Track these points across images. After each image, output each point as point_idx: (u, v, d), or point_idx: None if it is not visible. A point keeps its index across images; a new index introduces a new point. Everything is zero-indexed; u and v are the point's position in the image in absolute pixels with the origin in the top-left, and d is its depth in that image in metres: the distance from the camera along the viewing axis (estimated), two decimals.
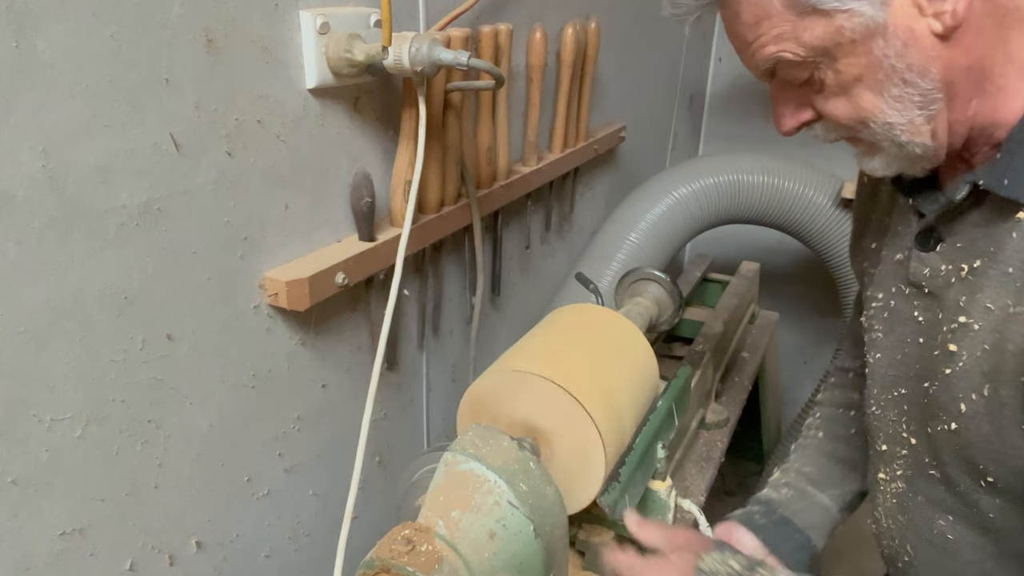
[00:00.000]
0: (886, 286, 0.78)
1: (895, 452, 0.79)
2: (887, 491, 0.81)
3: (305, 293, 0.83)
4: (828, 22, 0.60)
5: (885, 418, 0.80)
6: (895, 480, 0.80)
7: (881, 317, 0.78)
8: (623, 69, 1.72)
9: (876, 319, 0.79)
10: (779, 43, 0.62)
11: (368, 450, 1.08)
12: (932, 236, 0.70)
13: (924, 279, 0.71)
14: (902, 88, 0.61)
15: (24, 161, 0.58)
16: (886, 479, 0.81)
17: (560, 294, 1.56)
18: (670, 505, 0.93)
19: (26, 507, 0.65)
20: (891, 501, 0.81)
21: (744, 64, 0.69)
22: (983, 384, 0.65)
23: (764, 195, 1.72)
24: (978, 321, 0.65)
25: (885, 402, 0.79)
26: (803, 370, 2.51)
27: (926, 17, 0.59)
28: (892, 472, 0.80)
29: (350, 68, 0.82)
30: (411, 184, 0.89)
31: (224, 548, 0.87)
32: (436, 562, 0.63)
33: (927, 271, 0.70)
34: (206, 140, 0.73)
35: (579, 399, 0.79)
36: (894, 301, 0.76)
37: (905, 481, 0.78)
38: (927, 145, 0.64)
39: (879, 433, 0.82)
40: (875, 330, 0.79)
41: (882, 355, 0.78)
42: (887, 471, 0.81)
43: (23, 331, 0.61)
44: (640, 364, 0.94)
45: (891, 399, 0.78)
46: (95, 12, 0.61)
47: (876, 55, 0.60)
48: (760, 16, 0.62)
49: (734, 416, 1.45)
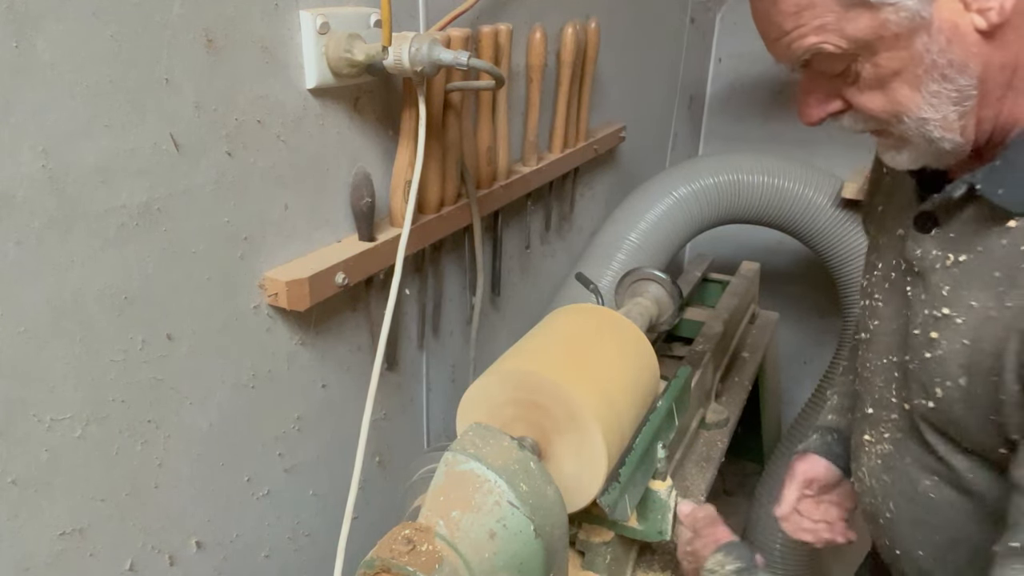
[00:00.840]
0: (887, 257, 0.80)
1: (882, 416, 0.82)
2: (872, 452, 0.84)
3: (305, 293, 0.83)
4: (873, 15, 0.59)
5: (874, 382, 0.82)
6: (881, 442, 0.82)
7: (882, 286, 0.81)
8: (623, 69, 1.72)
9: (877, 287, 0.82)
10: (821, 34, 0.61)
11: (368, 450, 1.08)
12: (929, 219, 0.71)
13: (915, 259, 0.72)
14: (940, 84, 0.61)
15: (24, 161, 0.58)
16: (871, 440, 0.84)
17: (560, 294, 1.56)
18: (670, 505, 0.92)
19: (26, 507, 0.65)
20: (876, 462, 0.83)
21: (773, 52, 0.67)
22: (959, 375, 0.68)
23: (764, 195, 1.72)
24: (960, 316, 0.67)
25: (876, 367, 0.82)
26: (803, 370, 2.51)
27: (970, 13, 0.58)
28: (879, 434, 0.83)
29: (350, 68, 0.82)
30: (411, 184, 0.89)
31: (224, 548, 0.87)
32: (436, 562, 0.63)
33: (919, 251, 0.72)
34: (206, 140, 0.73)
35: (579, 399, 0.79)
36: (894, 273, 0.78)
37: (892, 443, 0.81)
38: (957, 141, 0.64)
39: (867, 397, 0.84)
40: (875, 297, 0.82)
41: (880, 323, 0.80)
42: (873, 433, 0.83)
43: (23, 331, 0.61)
44: (640, 364, 0.94)
45: (882, 365, 0.81)
46: (95, 12, 0.61)
47: (918, 50, 0.60)
48: (803, 5, 0.61)
49: (734, 416, 1.45)
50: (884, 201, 0.85)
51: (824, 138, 2.26)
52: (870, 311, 0.83)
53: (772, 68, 2.28)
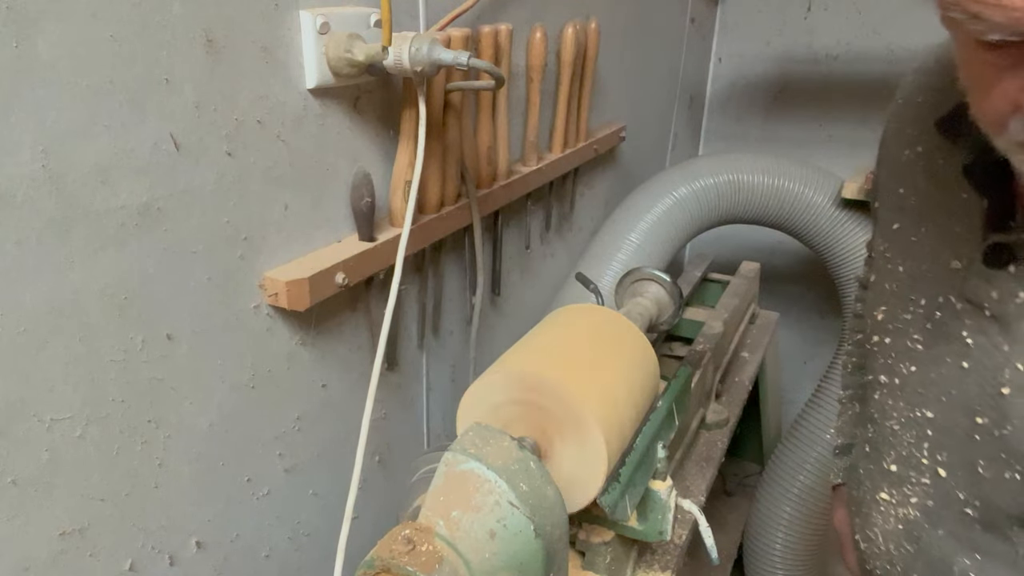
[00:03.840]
0: (931, 292, 0.68)
1: (908, 477, 0.72)
2: (891, 514, 0.74)
3: (305, 293, 0.83)
4: None
5: (902, 437, 0.73)
6: (905, 506, 0.73)
7: (922, 327, 0.69)
8: (623, 69, 1.72)
9: (915, 327, 0.70)
10: None
11: (368, 450, 1.08)
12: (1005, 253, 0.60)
13: (988, 300, 0.61)
14: None
15: (24, 161, 0.58)
16: (890, 501, 0.74)
17: (560, 294, 1.56)
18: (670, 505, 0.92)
19: (26, 507, 0.65)
20: (896, 527, 0.74)
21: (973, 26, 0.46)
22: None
23: (764, 195, 1.72)
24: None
25: (907, 420, 0.72)
26: (803, 370, 2.51)
27: None
28: (902, 496, 0.73)
29: (350, 68, 0.82)
30: (411, 184, 0.89)
31: (224, 548, 0.87)
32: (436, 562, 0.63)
33: (994, 293, 0.61)
34: (206, 140, 0.73)
35: (579, 399, 0.79)
36: (940, 313, 0.67)
37: (922, 511, 0.71)
38: None
39: (889, 451, 0.74)
40: (912, 338, 0.70)
41: (917, 369, 0.70)
42: (893, 493, 0.74)
43: (23, 331, 0.61)
44: (640, 364, 0.94)
45: (914, 419, 0.71)
46: (95, 12, 0.61)
47: None
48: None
49: (734, 416, 1.45)
50: (909, 222, 0.72)
51: (824, 138, 2.27)
52: (898, 353, 0.71)
53: (772, 68, 2.29)
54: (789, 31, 2.24)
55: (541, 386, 0.80)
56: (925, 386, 0.69)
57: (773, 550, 1.89)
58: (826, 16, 2.17)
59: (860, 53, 2.14)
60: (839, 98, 2.21)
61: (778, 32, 2.26)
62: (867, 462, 0.79)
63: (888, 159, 0.78)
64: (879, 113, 2.12)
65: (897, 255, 0.73)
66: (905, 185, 0.73)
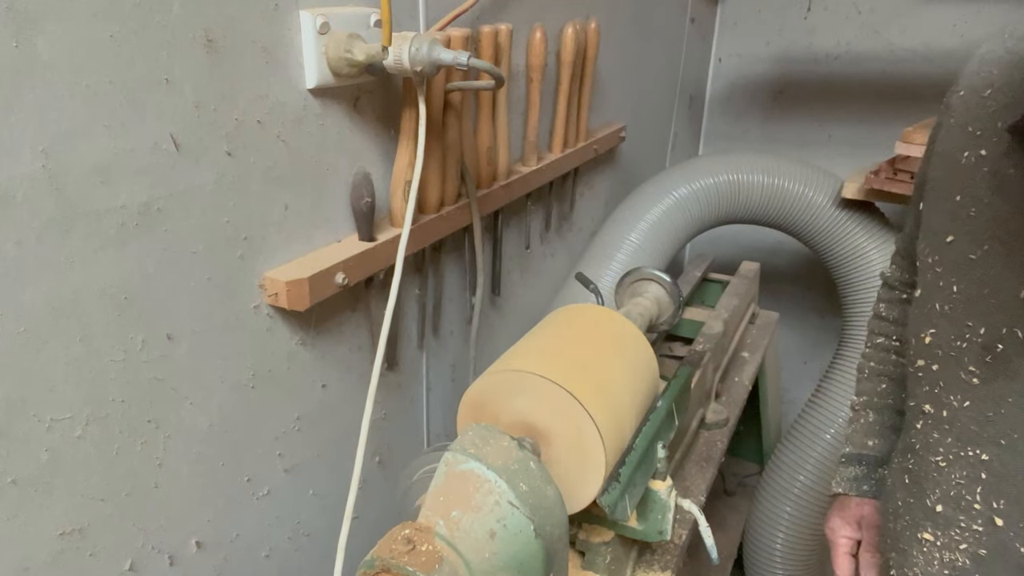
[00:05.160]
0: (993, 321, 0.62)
1: (957, 520, 0.67)
2: (933, 556, 0.70)
3: (305, 293, 0.83)
4: None
5: (949, 475, 0.68)
6: (952, 551, 0.68)
7: (979, 358, 0.63)
8: (623, 69, 1.72)
9: (970, 357, 0.64)
10: None
11: (368, 450, 1.08)
12: None
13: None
14: None
15: (24, 161, 0.58)
16: (934, 543, 0.69)
17: (560, 294, 1.56)
18: (670, 505, 0.92)
19: (26, 507, 0.65)
20: (940, 571, 0.70)
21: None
22: None
23: (764, 195, 1.72)
24: None
25: (954, 458, 0.67)
26: (803, 370, 2.51)
27: None
28: (948, 540, 0.68)
29: (350, 68, 0.82)
30: (411, 184, 0.89)
31: (224, 548, 0.87)
32: (436, 562, 0.63)
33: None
34: (206, 140, 0.73)
35: (579, 399, 0.79)
36: (1002, 346, 0.61)
37: (972, 559, 0.67)
38: None
39: (934, 488, 0.69)
40: (967, 370, 0.65)
41: (972, 404, 0.64)
42: (939, 535, 0.69)
43: (23, 331, 0.61)
44: (640, 364, 0.94)
45: (963, 458, 0.66)
46: (95, 12, 0.61)
47: None
48: None
49: (734, 416, 1.45)
50: (967, 237, 0.64)
51: (824, 138, 2.27)
52: (948, 383, 0.66)
53: (772, 68, 2.29)
54: (789, 31, 2.24)
55: (541, 386, 0.80)
56: (980, 425, 0.64)
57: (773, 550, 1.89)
58: (826, 16, 2.17)
59: (860, 53, 2.14)
60: (839, 98, 2.21)
61: (778, 32, 2.26)
62: (906, 495, 0.74)
63: (943, 158, 0.69)
64: (879, 113, 2.14)
65: (950, 272, 0.66)
66: (963, 193, 0.65)
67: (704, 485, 1.23)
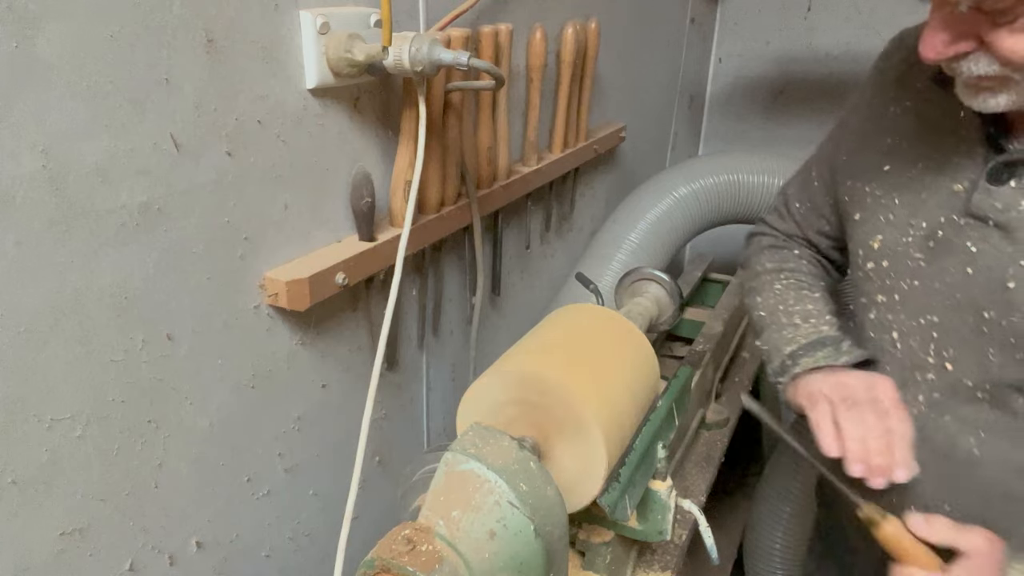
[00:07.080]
0: (933, 215, 0.78)
1: (913, 378, 0.81)
2: None
3: (305, 293, 0.83)
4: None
5: (906, 344, 0.82)
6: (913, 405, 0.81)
7: (924, 245, 0.79)
8: (623, 69, 1.72)
9: (915, 247, 0.80)
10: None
11: (368, 450, 1.08)
12: (1006, 171, 0.71)
13: (993, 211, 0.72)
14: None
15: (24, 161, 0.58)
16: None
17: (560, 294, 1.56)
18: (670, 505, 0.92)
19: (26, 507, 0.65)
20: None
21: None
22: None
23: (764, 195, 1.72)
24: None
25: (908, 328, 0.81)
26: None
27: None
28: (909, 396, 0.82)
29: (350, 68, 0.82)
30: (411, 184, 0.89)
31: (224, 548, 0.87)
32: (436, 562, 0.63)
33: (999, 204, 0.72)
34: (206, 140, 0.73)
35: (579, 399, 0.79)
36: (943, 231, 0.77)
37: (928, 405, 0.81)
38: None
39: (890, 359, 0.83)
40: (913, 257, 0.80)
41: (920, 283, 0.80)
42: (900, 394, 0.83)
43: (23, 331, 0.61)
44: (640, 364, 0.94)
45: (917, 326, 0.80)
46: (95, 12, 0.61)
47: None
48: None
49: (734, 416, 1.45)
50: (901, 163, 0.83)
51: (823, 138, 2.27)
52: (897, 272, 0.82)
53: (772, 68, 2.29)
54: (789, 31, 2.24)
55: (541, 386, 0.80)
56: (929, 295, 0.79)
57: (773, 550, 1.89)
58: (826, 16, 2.17)
59: (860, 53, 2.14)
60: (839, 98, 2.21)
61: (778, 32, 2.26)
62: None
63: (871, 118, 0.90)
64: None
65: (891, 190, 0.84)
66: (893, 135, 0.85)
67: (704, 485, 1.23)
